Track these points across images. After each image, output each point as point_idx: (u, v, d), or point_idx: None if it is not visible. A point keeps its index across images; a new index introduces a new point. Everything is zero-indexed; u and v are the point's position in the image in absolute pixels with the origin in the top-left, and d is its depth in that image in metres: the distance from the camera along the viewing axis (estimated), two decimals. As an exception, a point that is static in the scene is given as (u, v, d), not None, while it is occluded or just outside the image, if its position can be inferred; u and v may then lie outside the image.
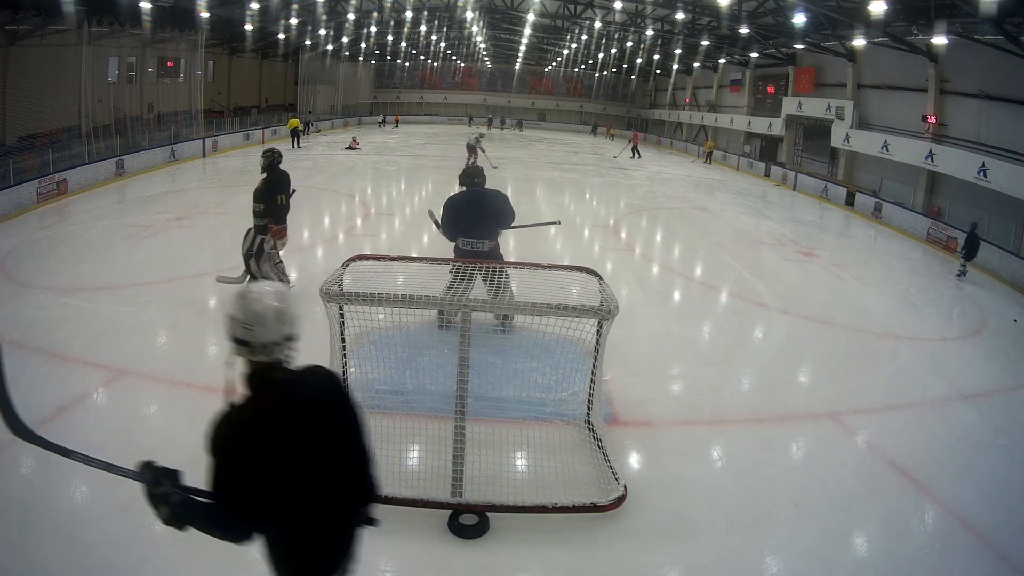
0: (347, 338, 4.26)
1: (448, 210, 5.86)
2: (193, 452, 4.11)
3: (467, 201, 5.83)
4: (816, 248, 12.39)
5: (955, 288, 10.48)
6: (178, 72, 24.30)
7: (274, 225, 6.46)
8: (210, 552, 3.31)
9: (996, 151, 13.84)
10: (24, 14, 15.98)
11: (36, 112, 17.19)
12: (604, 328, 4.03)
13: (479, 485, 3.73)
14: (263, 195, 6.42)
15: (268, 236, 6.45)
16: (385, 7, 28.86)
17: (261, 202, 6.40)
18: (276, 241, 6.52)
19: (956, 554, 3.71)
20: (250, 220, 6.63)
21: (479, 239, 5.63)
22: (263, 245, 6.48)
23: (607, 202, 16.57)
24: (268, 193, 6.41)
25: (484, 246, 5.65)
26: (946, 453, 4.83)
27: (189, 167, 18.65)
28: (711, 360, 6.32)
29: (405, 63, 45.55)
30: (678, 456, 4.49)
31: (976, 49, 14.19)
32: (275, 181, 6.45)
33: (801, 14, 17.46)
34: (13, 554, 3.19)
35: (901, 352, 6.99)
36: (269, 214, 6.41)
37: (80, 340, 5.46)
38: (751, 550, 3.58)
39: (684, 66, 34.03)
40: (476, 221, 5.69)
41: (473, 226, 5.67)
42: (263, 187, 6.43)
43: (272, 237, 6.47)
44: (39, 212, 11.69)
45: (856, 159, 20.47)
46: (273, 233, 6.46)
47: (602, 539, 3.56)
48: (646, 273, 9.74)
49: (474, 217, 5.72)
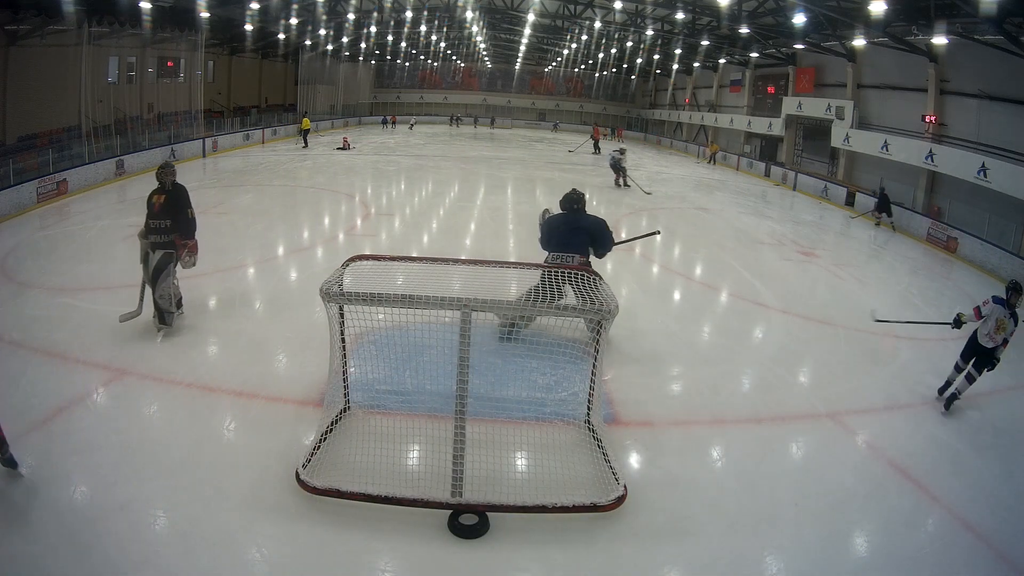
0: (347, 338, 4.26)
1: (544, 227, 6.09)
2: (193, 452, 4.14)
3: (563, 222, 5.99)
4: (816, 248, 12.39)
5: (955, 287, 10.49)
6: (178, 72, 24.29)
7: (187, 240, 5.99)
8: (210, 552, 3.33)
9: (996, 151, 13.83)
10: (24, 14, 15.98)
11: (36, 112, 17.19)
12: (604, 328, 4.03)
13: (479, 485, 3.73)
14: (170, 209, 5.88)
15: (184, 253, 5.98)
16: (385, 7, 28.87)
17: (167, 217, 5.85)
18: (191, 257, 6.06)
19: (956, 554, 3.71)
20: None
21: (568, 254, 5.79)
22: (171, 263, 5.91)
23: (607, 202, 16.55)
24: (175, 207, 5.92)
25: (573, 260, 5.78)
26: (946, 453, 4.83)
27: (189, 167, 18.63)
28: (711, 360, 6.33)
29: (405, 63, 45.56)
30: (678, 456, 4.49)
31: (976, 49, 14.19)
32: (180, 195, 6.02)
33: (801, 14, 17.46)
34: (13, 554, 3.19)
35: (901, 352, 6.99)
36: (177, 229, 5.91)
37: (80, 340, 5.46)
38: (751, 550, 3.58)
39: (684, 66, 34.04)
40: (569, 239, 5.86)
41: (565, 244, 5.85)
42: (168, 201, 5.90)
43: (189, 253, 6.02)
44: (39, 212, 11.68)
45: (856, 159, 20.46)
46: (190, 248, 6.01)
47: (602, 539, 3.56)
48: (646, 273, 9.74)
49: (567, 236, 5.89)
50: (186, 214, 5.98)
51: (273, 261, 9.02)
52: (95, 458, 3.99)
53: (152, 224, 5.86)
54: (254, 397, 4.91)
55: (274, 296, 7.43)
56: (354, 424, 4.41)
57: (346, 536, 3.47)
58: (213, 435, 4.42)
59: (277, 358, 5.75)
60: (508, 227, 12.23)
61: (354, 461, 3.90)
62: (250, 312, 6.94)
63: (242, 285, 7.86)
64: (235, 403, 4.83)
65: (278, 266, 8.85)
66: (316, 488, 3.72)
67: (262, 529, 3.49)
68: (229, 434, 4.47)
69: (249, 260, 8.80)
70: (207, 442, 4.30)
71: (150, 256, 5.88)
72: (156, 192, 5.96)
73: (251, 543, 3.39)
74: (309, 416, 4.59)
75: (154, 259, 5.85)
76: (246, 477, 3.90)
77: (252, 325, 6.49)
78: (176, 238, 5.93)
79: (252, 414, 4.70)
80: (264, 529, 3.49)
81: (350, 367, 4.50)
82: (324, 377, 4.75)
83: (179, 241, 5.95)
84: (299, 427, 4.49)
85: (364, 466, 3.83)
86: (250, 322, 6.59)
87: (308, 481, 3.75)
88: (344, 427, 4.37)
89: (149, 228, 5.88)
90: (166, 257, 5.87)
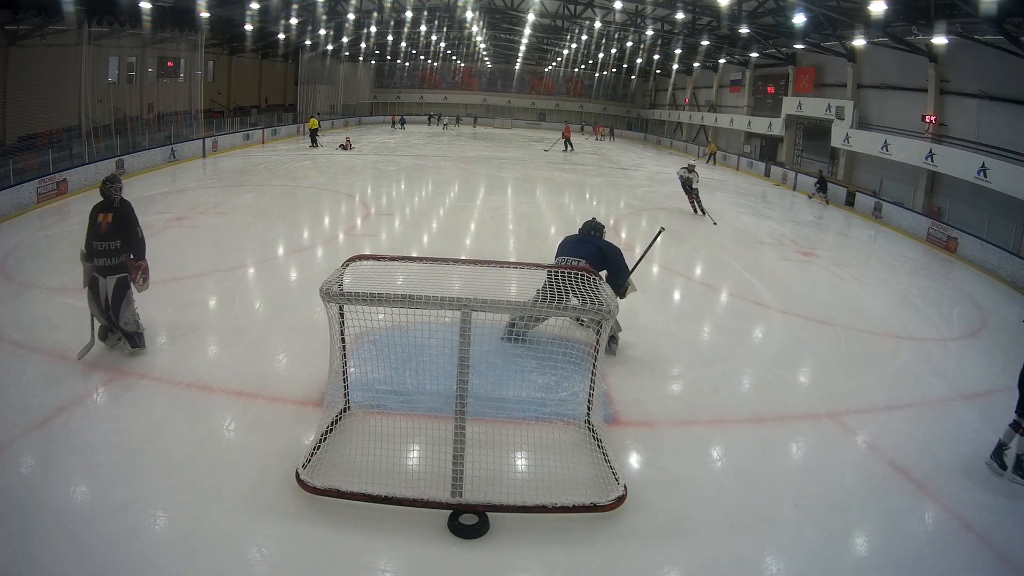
0: (347, 338, 4.26)
1: (561, 244, 6.30)
2: (193, 452, 4.14)
3: (576, 238, 6.22)
4: (816, 248, 12.39)
5: (955, 287, 10.49)
6: (178, 72, 24.30)
7: (140, 262, 5.39)
8: (210, 552, 3.33)
9: (996, 151, 13.84)
10: (24, 14, 15.98)
11: (36, 112, 17.19)
12: (604, 328, 4.03)
13: (479, 485, 3.73)
14: (119, 229, 5.22)
15: (138, 276, 5.38)
16: (385, 7, 28.89)
17: (116, 237, 5.20)
18: (145, 280, 5.45)
19: (956, 554, 3.71)
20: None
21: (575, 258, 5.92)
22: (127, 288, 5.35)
23: (607, 202, 16.57)
24: (125, 225, 5.28)
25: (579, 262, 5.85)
26: (946, 453, 4.83)
27: (189, 167, 18.65)
28: (711, 360, 6.33)
29: (405, 63, 45.59)
30: (678, 456, 4.49)
31: (976, 49, 14.20)
32: (129, 212, 5.37)
33: (801, 14, 17.47)
34: (13, 554, 3.19)
35: (901, 352, 6.99)
36: (128, 250, 5.30)
37: (80, 340, 5.45)
38: (751, 550, 3.58)
39: (684, 66, 34.05)
40: (577, 249, 6.01)
41: (571, 252, 6.00)
42: (117, 219, 5.22)
43: (143, 276, 5.42)
44: (39, 212, 11.69)
45: (856, 159, 20.47)
46: (142, 270, 5.41)
47: (602, 539, 3.56)
48: (646, 273, 9.72)
49: (575, 246, 6.08)
50: (136, 232, 5.35)
51: (273, 261, 9.02)
52: (95, 458, 3.99)
53: (99, 246, 5.17)
54: (254, 397, 4.91)
55: (274, 296, 7.42)
56: (354, 424, 4.41)
57: (346, 536, 3.47)
58: (213, 435, 4.42)
59: (277, 358, 5.75)
60: (508, 227, 12.23)
61: (354, 461, 3.90)
62: (250, 312, 6.94)
63: (242, 285, 7.86)
64: (235, 403, 4.83)
65: (278, 266, 8.85)
66: (316, 488, 3.72)
67: (262, 529, 3.49)
68: (229, 434, 4.47)
69: (249, 260, 8.80)
70: (207, 442, 4.29)
71: (100, 283, 5.25)
72: (102, 209, 5.23)
73: (251, 543, 3.39)
74: (309, 416, 4.59)
75: (108, 287, 5.25)
76: (246, 477, 3.90)
77: (252, 325, 6.49)
78: (127, 260, 5.30)
79: (252, 414, 4.70)
80: (264, 529, 3.49)
81: (350, 367, 4.50)
82: (324, 377, 4.75)
83: (131, 263, 5.32)
84: (299, 427, 4.49)
85: (364, 466, 3.83)
86: (250, 322, 6.59)
87: (308, 481, 3.75)
88: (344, 427, 4.37)
89: (95, 251, 5.18)
90: (121, 283, 5.30)
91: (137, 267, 5.37)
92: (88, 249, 5.26)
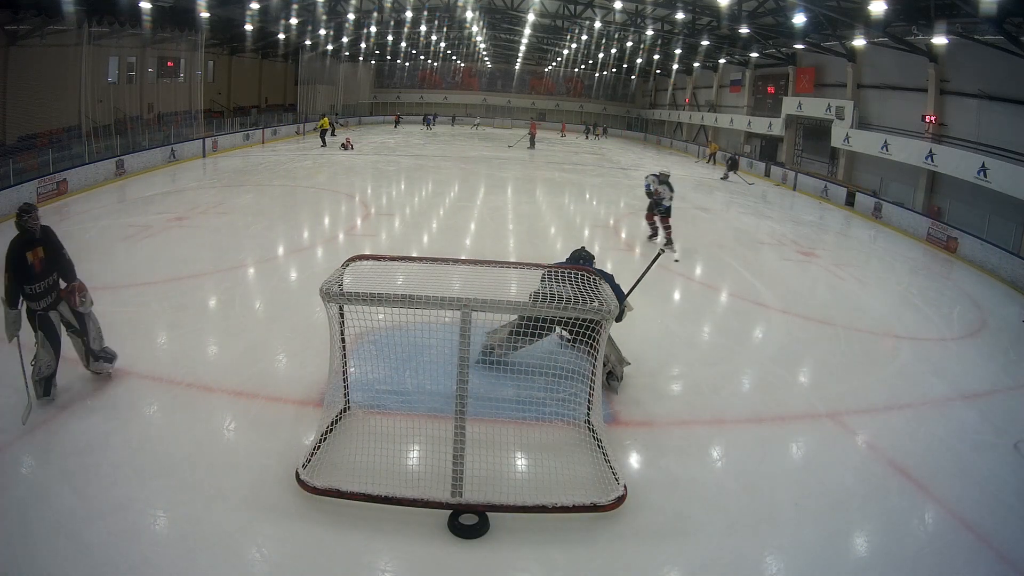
0: (347, 338, 4.26)
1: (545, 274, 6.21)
2: (193, 452, 4.14)
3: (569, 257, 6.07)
4: (816, 248, 12.39)
5: (955, 287, 10.49)
6: (178, 72, 24.30)
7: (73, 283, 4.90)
8: (209, 552, 3.33)
9: (996, 151, 13.83)
10: (24, 14, 15.98)
11: (36, 112, 17.19)
12: (603, 328, 4.03)
13: (479, 485, 3.73)
14: (52, 261, 4.75)
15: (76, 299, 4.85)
16: (385, 7, 28.88)
17: (52, 270, 4.74)
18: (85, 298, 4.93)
19: (956, 554, 3.71)
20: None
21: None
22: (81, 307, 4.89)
23: (607, 202, 16.56)
24: (56, 254, 4.81)
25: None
26: (946, 453, 4.83)
27: (189, 167, 18.64)
28: (711, 360, 6.33)
29: (405, 63, 45.57)
30: (678, 456, 4.49)
31: (976, 49, 14.19)
32: (54, 238, 4.88)
33: (801, 14, 17.46)
34: (13, 554, 3.19)
35: (901, 352, 6.98)
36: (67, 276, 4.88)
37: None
38: (751, 550, 3.58)
39: (684, 66, 34.04)
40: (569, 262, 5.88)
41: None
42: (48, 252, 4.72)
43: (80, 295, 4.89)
44: (38, 212, 11.66)
45: (856, 159, 20.46)
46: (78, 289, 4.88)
47: (602, 539, 3.56)
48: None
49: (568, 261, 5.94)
50: (64, 256, 4.90)
51: (273, 261, 9.02)
52: (95, 458, 3.99)
53: (38, 288, 4.62)
54: (254, 397, 4.91)
55: (274, 296, 7.42)
56: (354, 424, 4.41)
57: (346, 536, 3.48)
58: (213, 435, 4.42)
59: (277, 358, 5.75)
60: (508, 227, 12.23)
61: (354, 461, 3.90)
62: (250, 312, 6.94)
63: (242, 285, 7.86)
64: (235, 403, 4.83)
65: (278, 266, 8.85)
66: (316, 488, 3.72)
67: (262, 529, 3.49)
68: (229, 434, 4.47)
69: (249, 260, 8.80)
70: (207, 442, 4.30)
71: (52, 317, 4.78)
72: (28, 247, 4.62)
73: (251, 543, 3.39)
74: (309, 416, 4.59)
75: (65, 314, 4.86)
76: (246, 477, 3.90)
77: (252, 325, 6.49)
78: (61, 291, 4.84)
79: (252, 414, 4.70)
80: (264, 529, 3.49)
81: (350, 367, 4.50)
82: (324, 377, 4.75)
83: (64, 292, 4.84)
84: (299, 427, 4.49)
85: (364, 466, 3.83)
86: (250, 322, 6.59)
87: (308, 481, 3.75)
88: (344, 427, 4.37)
89: (34, 294, 4.61)
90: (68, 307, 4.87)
91: (71, 290, 4.87)
92: (22, 295, 4.57)
